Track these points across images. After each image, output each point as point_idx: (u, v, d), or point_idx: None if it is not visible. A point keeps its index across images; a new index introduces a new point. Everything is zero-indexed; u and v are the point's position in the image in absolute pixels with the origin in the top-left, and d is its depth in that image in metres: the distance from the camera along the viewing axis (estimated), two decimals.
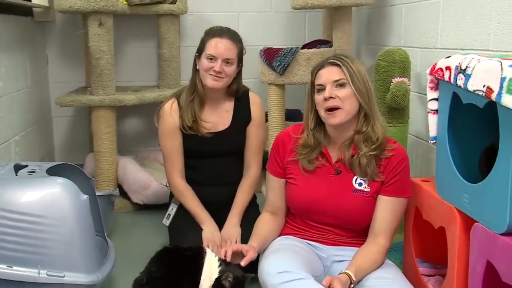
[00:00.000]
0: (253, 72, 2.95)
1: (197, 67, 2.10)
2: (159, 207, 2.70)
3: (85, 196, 1.72)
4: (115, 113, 2.88)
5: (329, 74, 1.69)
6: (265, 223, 1.85)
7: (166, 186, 2.37)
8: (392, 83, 2.21)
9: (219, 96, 2.15)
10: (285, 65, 2.68)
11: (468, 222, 1.48)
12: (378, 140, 1.69)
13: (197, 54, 2.11)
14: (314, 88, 1.73)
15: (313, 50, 2.73)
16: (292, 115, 3.14)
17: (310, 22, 3.50)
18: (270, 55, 2.73)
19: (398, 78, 2.21)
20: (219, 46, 2.03)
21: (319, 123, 1.77)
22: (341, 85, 1.67)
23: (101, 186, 2.83)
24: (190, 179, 2.17)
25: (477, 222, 1.44)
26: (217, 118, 2.14)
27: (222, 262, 1.72)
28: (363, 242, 1.73)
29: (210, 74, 2.04)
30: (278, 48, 2.76)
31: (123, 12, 2.85)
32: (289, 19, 3.49)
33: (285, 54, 2.69)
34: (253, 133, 2.18)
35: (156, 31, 3.21)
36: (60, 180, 1.71)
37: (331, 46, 2.81)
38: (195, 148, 2.13)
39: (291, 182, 1.81)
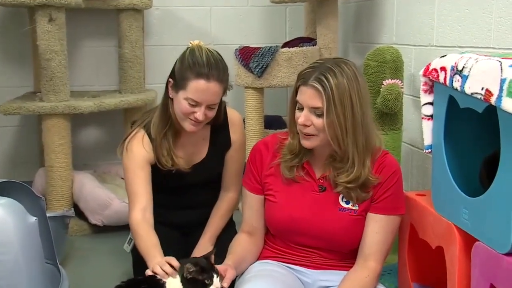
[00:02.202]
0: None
1: (170, 95, 1.97)
2: (121, 229, 2.68)
3: (33, 219, 1.70)
4: (69, 122, 2.86)
5: (308, 98, 1.64)
6: (241, 244, 1.84)
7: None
8: (383, 86, 2.24)
9: None
10: (264, 66, 2.69)
11: (469, 241, 1.50)
12: (357, 178, 1.66)
13: (170, 80, 1.96)
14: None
15: (294, 49, 2.75)
16: (272, 122, 3.15)
17: (291, 18, 3.53)
18: (246, 55, 2.75)
19: (390, 79, 2.24)
20: (205, 92, 1.88)
21: None
22: (318, 114, 1.64)
23: (54, 206, 2.81)
24: (161, 204, 2.12)
25: (478, 240, 1.45)
26: (193, 148, 2.09)
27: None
28: (352, 265, 1.73)
29: (189, 119, 1.93)
30: (256, 47, 2.77)
31: (77, 5, 2.83)
32: (268, 14, 3.51)
33: (263, 54, 2.70)
34: (233, 158, 2.15)
35: (117, 28, 3.20)
36: (2, 200, 1.68)
37: (314, 45, 2.83)
38: (167, 183, 2.07)
39: (270, 199, 1.80)
